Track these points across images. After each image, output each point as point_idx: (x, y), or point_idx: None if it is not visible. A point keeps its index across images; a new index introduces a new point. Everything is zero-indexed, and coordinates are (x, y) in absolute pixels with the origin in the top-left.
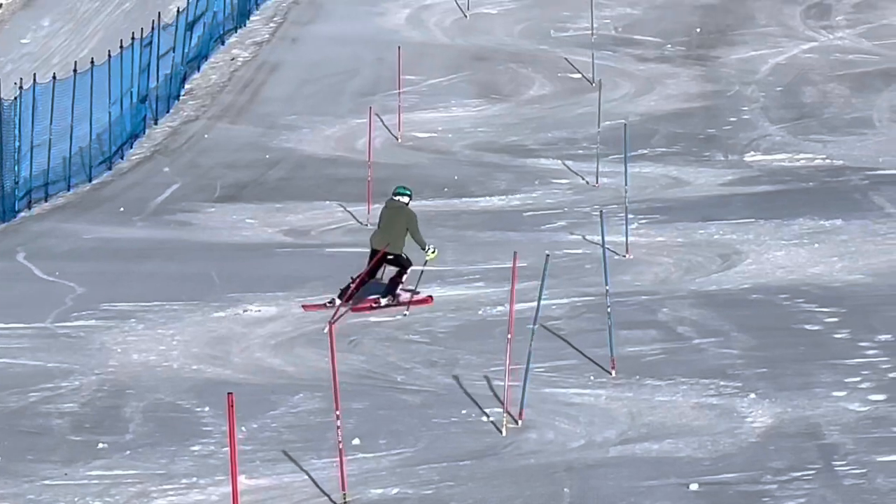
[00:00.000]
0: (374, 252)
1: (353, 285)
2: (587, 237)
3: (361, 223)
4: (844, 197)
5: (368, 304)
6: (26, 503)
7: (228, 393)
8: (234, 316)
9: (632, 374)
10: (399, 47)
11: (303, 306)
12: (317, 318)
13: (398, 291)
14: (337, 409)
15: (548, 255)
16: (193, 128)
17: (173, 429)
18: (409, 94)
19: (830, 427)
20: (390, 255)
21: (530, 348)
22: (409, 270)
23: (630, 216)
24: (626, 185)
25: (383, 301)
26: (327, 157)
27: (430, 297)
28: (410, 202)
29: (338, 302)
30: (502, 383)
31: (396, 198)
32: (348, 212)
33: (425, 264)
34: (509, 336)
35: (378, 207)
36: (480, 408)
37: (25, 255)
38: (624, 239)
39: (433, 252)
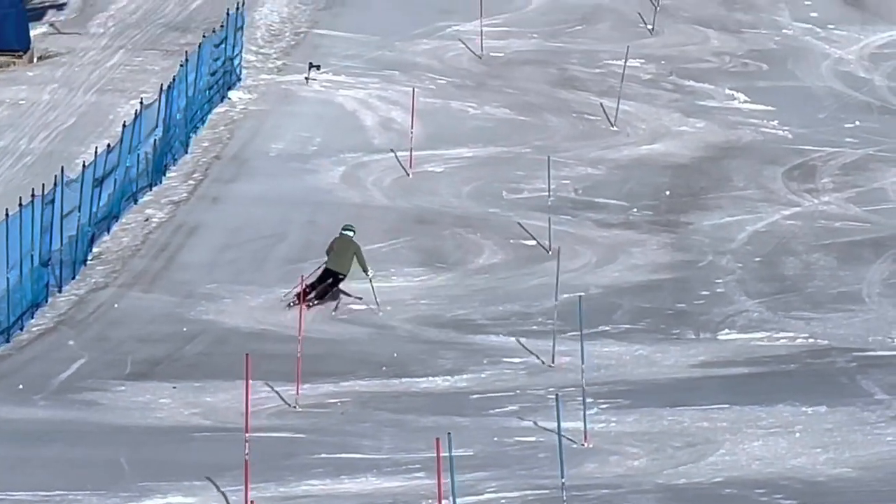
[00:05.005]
0: (327, 271)
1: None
2: (541, 423)
3: (290, 405)
4: (830, 381)
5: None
6: None
7: None
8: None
9: None
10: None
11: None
12: None
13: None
14: None
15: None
16: (102, 296)
17: None
18: None
19: None
20: (341, 275)
21: None
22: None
23: (590, 400)
24: (582, 363)
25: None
26: (251, 331)
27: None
28: (354, 236)
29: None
30: None
31: (346, 232)
32: (276, 392)
33: (370, 282)
34: None
35: (308, 388)
36: None
37: None
38: (582, 425)
39: (372, 273)
